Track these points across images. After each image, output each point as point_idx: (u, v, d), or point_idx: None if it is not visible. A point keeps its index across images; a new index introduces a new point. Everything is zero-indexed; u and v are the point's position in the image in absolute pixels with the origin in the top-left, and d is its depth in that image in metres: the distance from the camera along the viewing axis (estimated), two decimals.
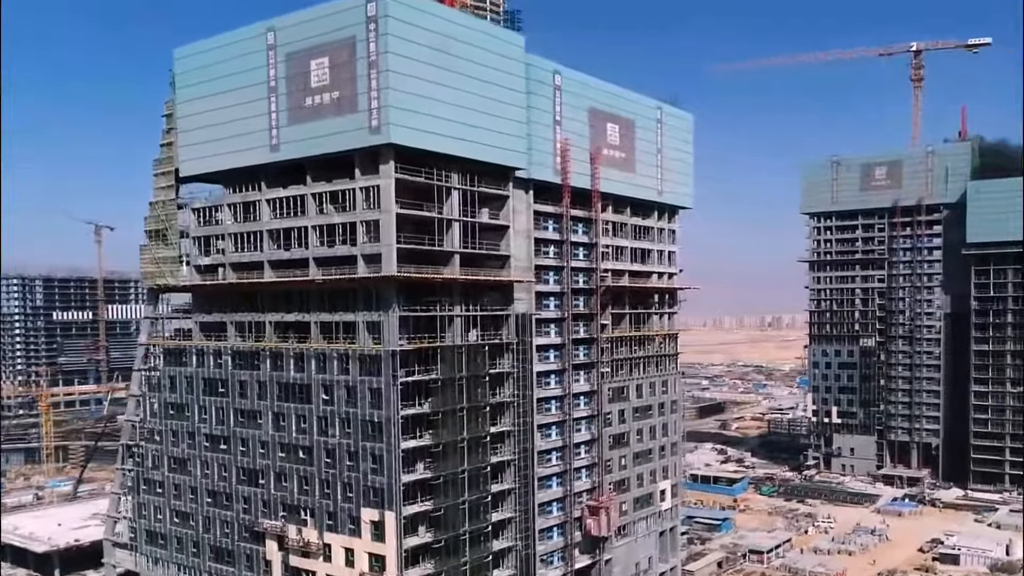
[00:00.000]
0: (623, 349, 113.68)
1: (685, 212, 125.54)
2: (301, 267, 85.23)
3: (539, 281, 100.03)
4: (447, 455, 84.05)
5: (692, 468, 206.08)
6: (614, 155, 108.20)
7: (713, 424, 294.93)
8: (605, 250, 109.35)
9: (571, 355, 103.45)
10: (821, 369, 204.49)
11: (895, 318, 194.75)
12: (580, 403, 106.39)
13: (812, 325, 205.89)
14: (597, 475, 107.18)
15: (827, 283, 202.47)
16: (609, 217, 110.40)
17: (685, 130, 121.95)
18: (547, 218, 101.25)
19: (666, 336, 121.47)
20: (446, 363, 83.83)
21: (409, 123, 77.46)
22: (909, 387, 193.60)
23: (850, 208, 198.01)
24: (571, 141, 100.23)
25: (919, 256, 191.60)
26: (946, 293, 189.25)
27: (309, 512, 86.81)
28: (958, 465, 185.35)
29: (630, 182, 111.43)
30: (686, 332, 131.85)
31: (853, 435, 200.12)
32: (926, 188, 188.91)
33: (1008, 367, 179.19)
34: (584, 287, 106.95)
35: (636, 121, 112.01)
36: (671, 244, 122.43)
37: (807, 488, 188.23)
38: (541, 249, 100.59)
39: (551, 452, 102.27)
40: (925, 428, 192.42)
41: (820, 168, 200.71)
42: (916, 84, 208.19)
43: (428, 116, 79.01)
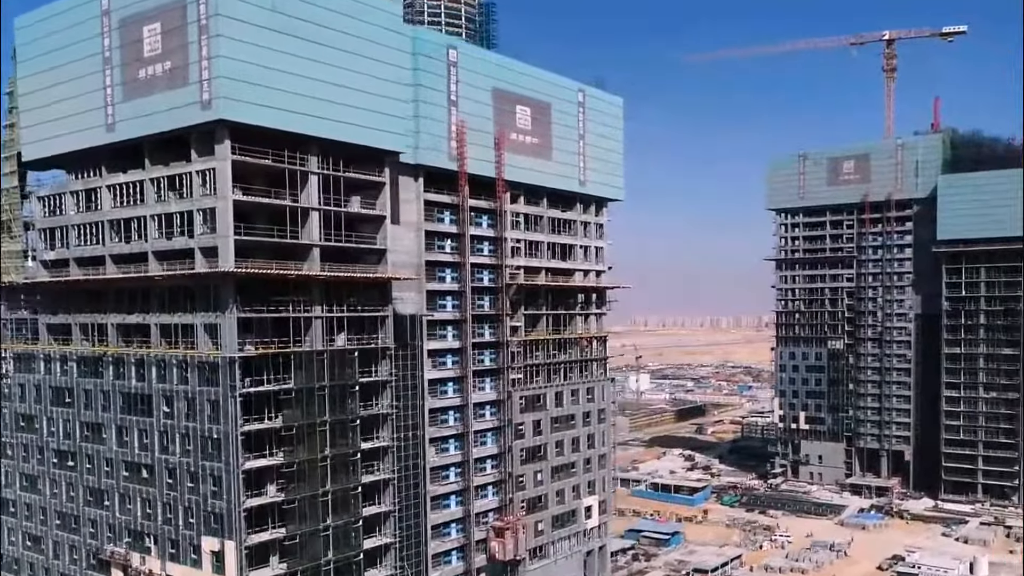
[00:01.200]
0: (540, 353, 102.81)
1: (618, 205, 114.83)
2: (142, 262, 74.48)
3: (432, 279, 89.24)
4: (305, 475, 73.22)
5: (655, 476, 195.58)
6: (525, 140, 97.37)
7: (689, 428, 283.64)
8: (516, 245, 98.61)
9: (472, 360, 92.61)
10: (788, 372, 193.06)
11: (864, 319, 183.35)
12: (486, 413, 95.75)
13: (779, 326, 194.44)
14: (505, 492, 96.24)
15: (794, 282, 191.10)
16: (521, 209, 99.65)
17: (613, 115, 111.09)
18: (443, 209, 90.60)
19: (592, 339, 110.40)
20: (303, 371, 72.97)
21: (247, 97, 66.66)
22: (879, 392, 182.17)
23: (818, 204, 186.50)
24: (470, 124, 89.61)
25: (889, 254, 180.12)
26: (917, 293, 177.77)
27: (153, 539, 76.07)
28: (929, 474, 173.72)
29: (545, 170, 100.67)
30: (678, 333, 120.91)
31: (821, 442, 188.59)
32: (896, 182, 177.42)
33: (980, 371, 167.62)
34: (491, 286, 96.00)
35: (553, 104, 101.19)
36: (598, 239, 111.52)
37: (771, 498, 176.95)
38: (436, 243, 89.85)
39: (449, 468, 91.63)
40: (895, 435, 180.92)
41: (787, 162, 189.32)
42: (889, 75, 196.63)
43: (273, 90, 68.22)
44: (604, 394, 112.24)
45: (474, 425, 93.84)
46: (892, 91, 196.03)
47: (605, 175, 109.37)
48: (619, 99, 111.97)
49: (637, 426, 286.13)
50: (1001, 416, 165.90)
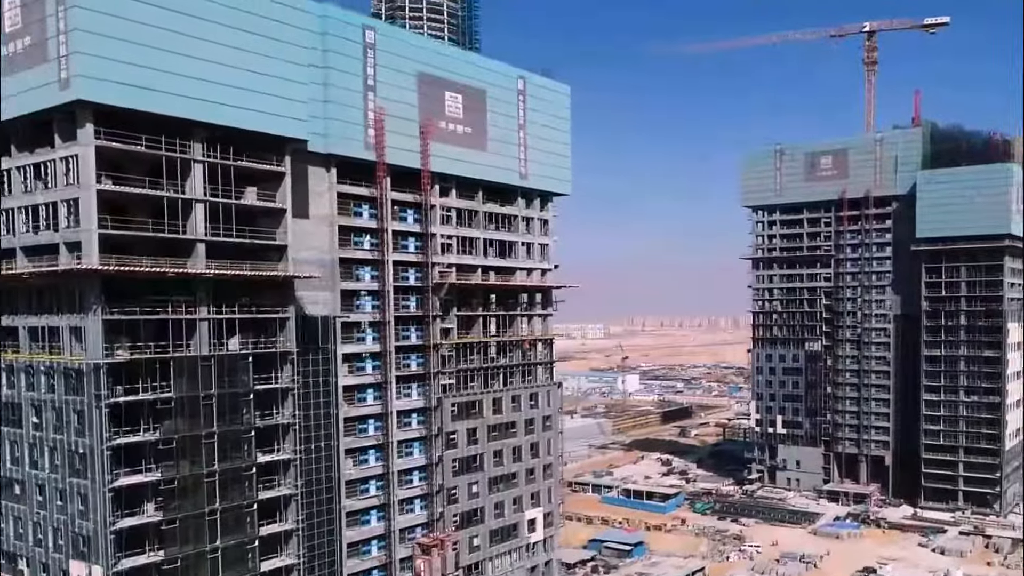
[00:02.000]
0: (476, 357, 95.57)
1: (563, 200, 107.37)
2: (11, 258, 67.45)
3: (349, 277, 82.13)
4: (188, 493, 66.22)
5: (628, 482, 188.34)
6: (456, 130, 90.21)
7: (673, 431, 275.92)
8: (447, 241, 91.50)
9: (396, 365, 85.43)
10: (765, 375, 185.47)
11: (842, 320, 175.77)
12: (412, 421, 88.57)
13: (756, 327, 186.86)
14: (433, 506, 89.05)
15: (771, 281, 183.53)
16: (453, 203, 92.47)
17: (559, 104, 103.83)
18: (361, 202, 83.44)
19: (536, 341, 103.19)
20: (187, 378, 65.94)
21: (112, 76, 59.63)
22: (857, 395, 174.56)
23: (794, 201, 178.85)
24: (391, 111, 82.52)
25: (868, 253, 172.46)
26: (896, 293, 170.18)
27: (25, 561, 69.11)
28: (909, 481, 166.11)
29: (480, 162, 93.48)
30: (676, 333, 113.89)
31: (799, 446, 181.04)
32: (874, 178, 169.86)
33: (961, 374, 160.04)
34: (418, 285, 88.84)
35: (488, 92, 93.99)
36: (543, 236, 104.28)
37: (745, 505, 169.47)
38: (352, 239, 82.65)
39: (368, 481, 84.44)
40: (874, 440, 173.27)
41: (762, 157, 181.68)
42: (869, 68, 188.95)
43: (146, 69, 61.20)
44: (551, 400, 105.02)
45: (398, 434, 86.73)
46: (873, 85, 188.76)
47: (550, 168, 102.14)
48: (566, 87, 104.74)
49: (620, 428, 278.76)
50: (982, 421, 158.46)
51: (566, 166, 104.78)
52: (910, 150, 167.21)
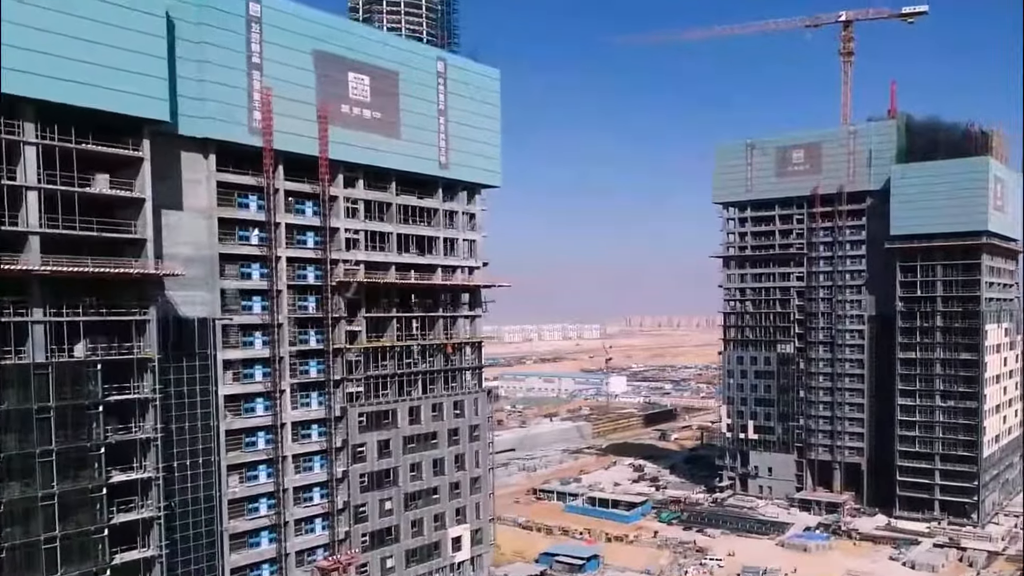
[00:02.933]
0: (389, 362, 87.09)
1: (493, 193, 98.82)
2: None
3: (233, 275, 73.73)
4: (19, 519, 57.85)
5: (594, 489, 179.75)
6: (362, 114, 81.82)
7: (653, 435, 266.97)
8: (354, 236, 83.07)
9: (291, 372, 77.04)
10: (736, 378, 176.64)
11: (815, 321, 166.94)
12: (312, 433, 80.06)
13: (726, 328, 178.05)
14: (334, 526, 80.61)
15: (742, 281, 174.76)
16: (360, 194, 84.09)
17: (487, 89, 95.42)
18: (248, 192, 74.99)
19: (460, 345, 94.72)
20: (15, 389, 57.57)
21: None
22: (831, 399, 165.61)
23: (766, 197, 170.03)
24: (281, 92, 74.18)
25: (841, 251, 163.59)
26: (871, 293, 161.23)
27: None
28: (884, 489, 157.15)
29: (391, 150, 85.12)
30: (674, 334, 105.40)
31: (771, 453, 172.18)
32: (847, 173, 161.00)
33: (937, 378, 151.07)
34: (317, 283, 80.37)
35: (401, 74, 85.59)
36: (469, 231, 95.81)
37: (713, 514, 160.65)
38: (237, 233, 74.26)
39: (258, 500, 76.05)
40: (848, 446, 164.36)
41: (733, 152, 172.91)
42: (846, 59, 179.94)
43: None
44: (479, 408, 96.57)
45: (295, 448, 78.39)
46: (849, 76, 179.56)
47: (476, 158, 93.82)
48: (494, 71, 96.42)
49: (600, 432, 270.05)
50: (959, 427, 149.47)
51: (495, 156, 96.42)
52: (884, 143, 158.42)
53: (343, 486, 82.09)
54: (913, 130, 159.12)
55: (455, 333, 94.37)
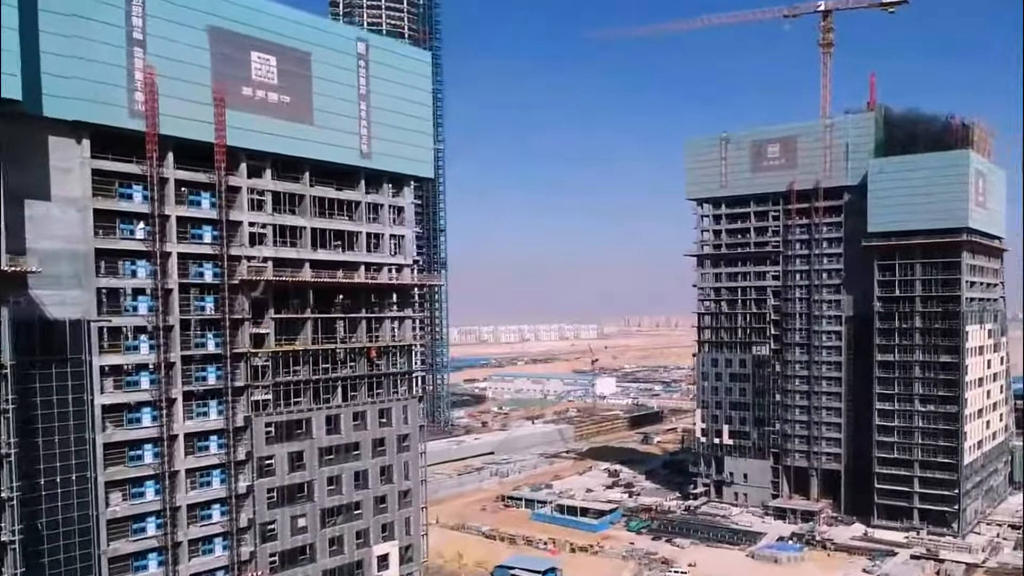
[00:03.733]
0: (303, 368, 79.73)
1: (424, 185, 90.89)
2: None
3: (113, 273, 66.41)
4: None
5: (565, 495, 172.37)
6: (267, 98, 74.46)
7: (636, 438, 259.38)
8: (260, 231, 75.67)
9: (180, 378, 69.66)
10: (711, 381, 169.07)
11: (792, 322, 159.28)
12: (210, 445, 72.69)
13: (700, 329, 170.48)
14: (238, 546, 73.25)
15: (716, 280, 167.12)
16: (268, 185, 76.71)
17: (416, 74, 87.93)
18: (132, 182, 67.64)
19: (385, 349, 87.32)
20: None
21: None
22: (807, 403, 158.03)
23: (740, 193, 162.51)
24: (168, 71, 66.85)
25: (818, 249, 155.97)
26: (848, 293, 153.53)
27: None
28: (862, 497, 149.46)
29: (305, 137, 77.77)
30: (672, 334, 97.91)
31: (746, 459, 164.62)
32: (824, 168, 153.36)
33: (916, 381, 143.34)
34: (216, 282, 73.01)
35: (315, 55, 78.17)
36: (397, 225, 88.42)
37: (684, 523, 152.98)
38: (118, 226, 66.94)
39: (144, 519, 68.76)
40: (825, 452, 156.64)
41: (707, 146, 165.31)
42: (825, 50, 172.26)
43: None
44: (409, 416, 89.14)
45: (189, 461, 71.08)
46: (829, 68, 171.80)
47: (404, 147, 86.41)
48: (425, 54, 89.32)
49: (583, 435, 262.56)
50: (940, 432, 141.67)
51: (426, 145, 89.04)
52: (862, 137, 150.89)
53: (247, 502, 74.75)
54: (892, 123, 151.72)
55: (381, 336, 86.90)
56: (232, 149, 71.88)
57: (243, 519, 74.43)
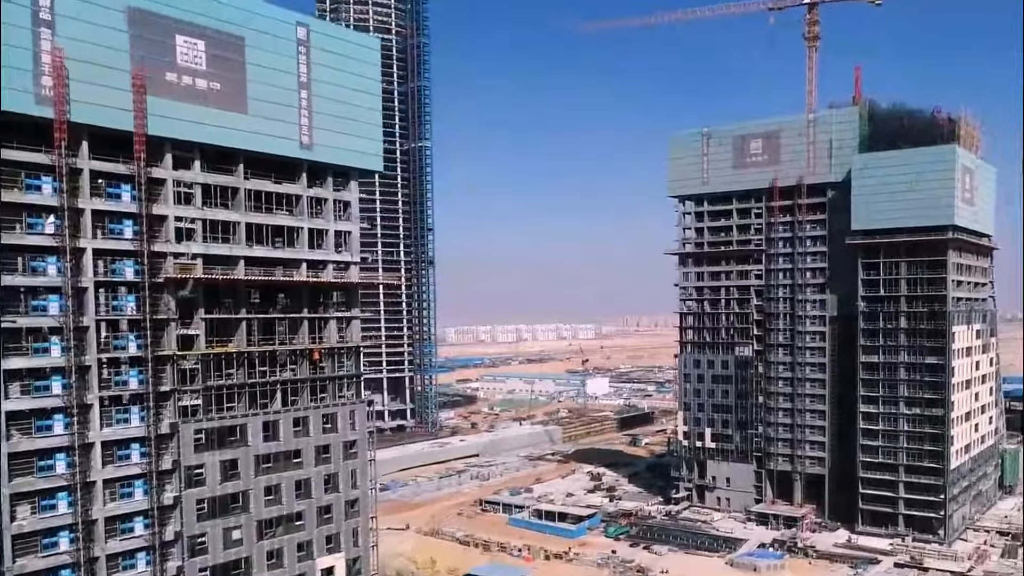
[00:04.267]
0: (238, 371, 74.91)
1: None
2: None
3: (16, 269, 61.58)
4: None
5: (544, 500, 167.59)
6: (196, 85, 69.64)
7: (624, 439, 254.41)
8: (189, 225, 70.81)
9: (93, 382, 64.87)
10: (693, 383, 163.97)
11: (775, 322, 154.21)
12: (132, 454, 67.92)
13: (682, 330, 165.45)
14: (157, 561, 68.40)
15: (699, 280, 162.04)
16: (197, 177, 71.83)
17: (364, 62, 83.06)
18: (41, 172, 62.87)
19: (330, 351, 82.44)
20: None
21: None
22: (791, 406, 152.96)
23: (723, 190, 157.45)
24: (80, 54, 62.06)
25: (801, 247, 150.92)
26: (833, 292, 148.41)
27: None
28: (847, 502, 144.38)
29: (238, 127, 72.95)
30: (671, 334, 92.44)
31: (729, 462, 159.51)
32: (807, 164, 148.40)
33: (901, 383, 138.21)
34: (136, 280, 68.15)
35: (249, 39, 73.39)
36: (343, 221, 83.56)
37: (663, 529, 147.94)
38: (26, 220, 62.14)
39: (57, 533, 63.98)
40: (809, 456, 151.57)
41: (689, 142, 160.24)
42: (811, 43, 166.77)
43: None
44: (357, 421, 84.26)
45: (107, 471, 66.28)
46: (815, 62, 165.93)
47: (350, 138, 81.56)
48: (373, 40, 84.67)
49: (572, 436, 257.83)
50: (925, 436, 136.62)
51: (375, 136, 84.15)
52: (846, 132, 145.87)
53: (174, 514, 69.93)
54: (877, 118, 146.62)
55: (326, 337, 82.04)
56: (155, 139, 67.13)
57: (169, 532, 69.63)
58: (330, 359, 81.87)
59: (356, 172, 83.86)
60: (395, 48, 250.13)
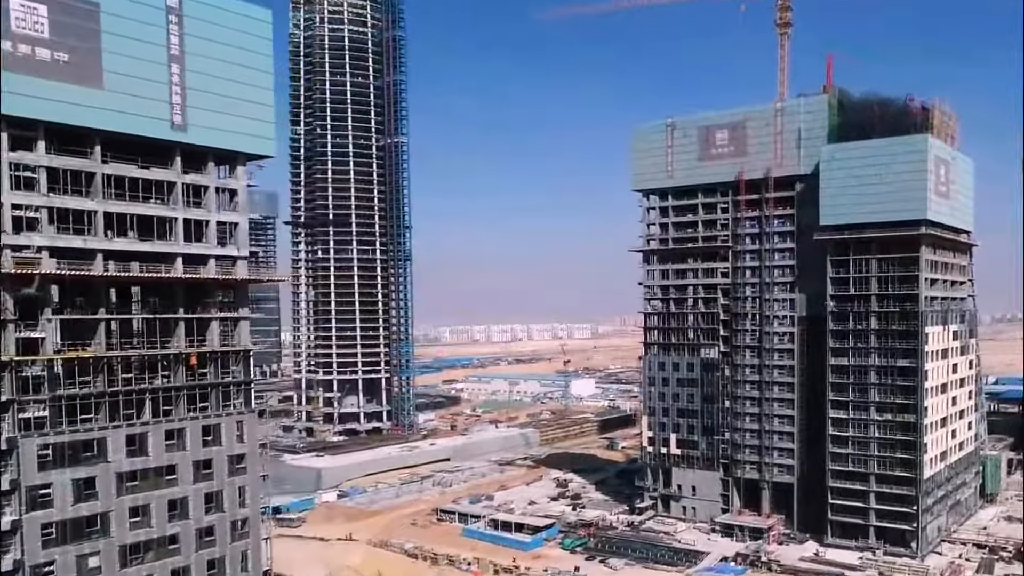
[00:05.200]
0: (97, 379, 66.04)
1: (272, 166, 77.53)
2: None
3: None
4: None
5: (504, 508, 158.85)
6: (37, 55, 61.02)
7: (603, 443, 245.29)
8: (32, 215, 62.02)
9: None
10: (658, 386, 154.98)
11: (742, 323, 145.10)
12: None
13: (647, 331, 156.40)
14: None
15: (663, 278, 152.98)
16: (42, 160, 62.96)
17: (251, 34, 74.15)
18: None
19: (212, 355, 73.51)
20: None
21: None
22: (758, 411, 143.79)
23: (688, 183, 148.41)
24: None
25: (768, 244, 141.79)
26: (801, 291, 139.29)
27: None
28: (816, 512, 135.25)
29: (89, 103, 64.03)
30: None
31: (695, 470, 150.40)
32: (775, 156, 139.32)
33: (872, 387, 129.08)
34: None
35: (103, 5, 64.55)
36: (228, 211, 74.65)
37: (622, 541, 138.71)
38: None
39: None
40: (777, 463, 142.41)
41: (652, 134, 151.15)
42: (782, 31, 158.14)
43: None
44: (246, 433, 75.38)
45: None
46: (786, 51, 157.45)
47: (234, 119, 72.64)
48: (263, 11, 75.23)
49: (549, 439, 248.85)
50: (897, 444, 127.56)
51: (265, 118, 75.21)
52: (815, 122, 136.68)
53: (14, 540, 61.17)
54: (848, 107, 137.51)
55: (208, 340, 73.20)
56: None
57: (7, 561, 60.80)
58: (213, 364, 72.98)
59: (244, 157, 74.95)
60: (371, 41, 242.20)
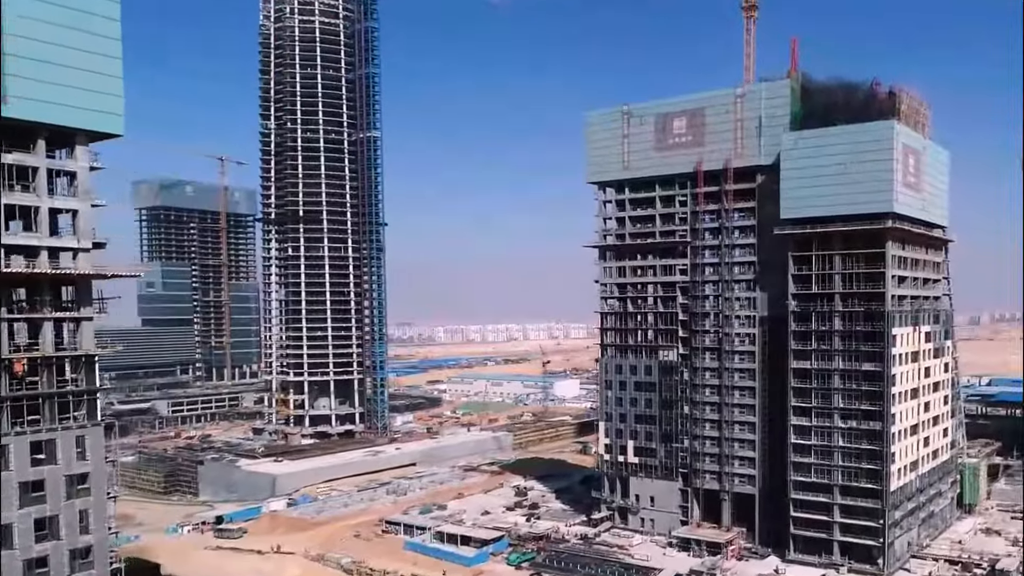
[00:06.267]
0: None
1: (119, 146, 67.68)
2: None
3: None
4: None
5: (458, 517, 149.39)
6: None
7: (576, 447, 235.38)
8: None
9: None
10: (615, 390, 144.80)
11: (701, 323, 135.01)
12: None
13: (603, 331, 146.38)
14: None
15: (620, 275, 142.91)
16: None
17: None
18: None
19: (42, 362, 63.69)
20: None
21: None
22: (718, 417, 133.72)
23: (645, 175, 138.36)
24: None
25: (728, 239, 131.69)
26: (762, 290, 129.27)
27: None
28: (779, 525, 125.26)
29: None
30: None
31: (653, 480, 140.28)
32: (735, 145, 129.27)
33: (836, 392, 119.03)
34: None
35: None
36: (66, 197, 64.86)
37: (572, 556, 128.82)
38: None
39: None
40: (738, 473, 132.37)
41: (607, 122, 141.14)
42: (748, 14, 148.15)
43: None
44: (89, 450, 65.59)
45: None
46: (752, 35, 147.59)
47: (74, 92, 63.01)
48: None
49: (523, 443, 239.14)
50: (863, 453, 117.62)
51: (113, 91, 65.46)
52: (777, 108, 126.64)
53: None
54: (812, 92, 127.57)
55: (41, 344, 63.49)
56: None
57: None
58: (45, 372, 63.27)
59: (85, 135, 65.23)
60: (343, 33, 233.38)
